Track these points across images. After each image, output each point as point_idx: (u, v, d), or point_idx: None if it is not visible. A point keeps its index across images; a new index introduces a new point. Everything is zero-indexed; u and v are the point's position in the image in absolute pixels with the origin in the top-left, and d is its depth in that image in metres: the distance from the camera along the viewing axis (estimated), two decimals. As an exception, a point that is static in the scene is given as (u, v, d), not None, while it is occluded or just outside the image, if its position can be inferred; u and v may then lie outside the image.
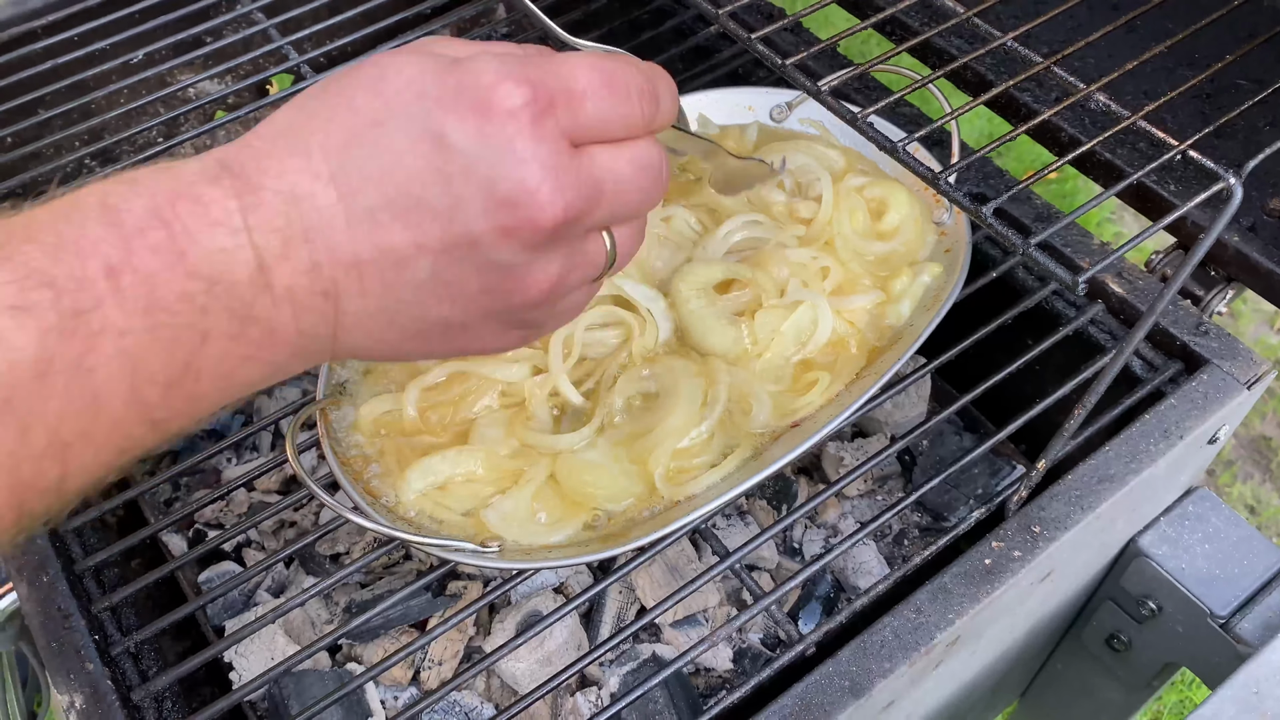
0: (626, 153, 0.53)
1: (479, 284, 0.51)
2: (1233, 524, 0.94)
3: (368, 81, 0.50)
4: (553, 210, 0.49)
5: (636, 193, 0.54)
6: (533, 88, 0.49)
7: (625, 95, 0.52)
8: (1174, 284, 0.68)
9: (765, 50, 0.81)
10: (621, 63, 0.53)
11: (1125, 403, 0.87)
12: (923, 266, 0.90)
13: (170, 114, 1.19)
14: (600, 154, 0.52)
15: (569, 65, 0.51)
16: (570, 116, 0.50)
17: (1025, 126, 0.78)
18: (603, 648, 0.77)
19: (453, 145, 0.48)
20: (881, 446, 1.03)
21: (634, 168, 0.53)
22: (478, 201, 0.48)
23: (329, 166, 0.48)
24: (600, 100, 0.51)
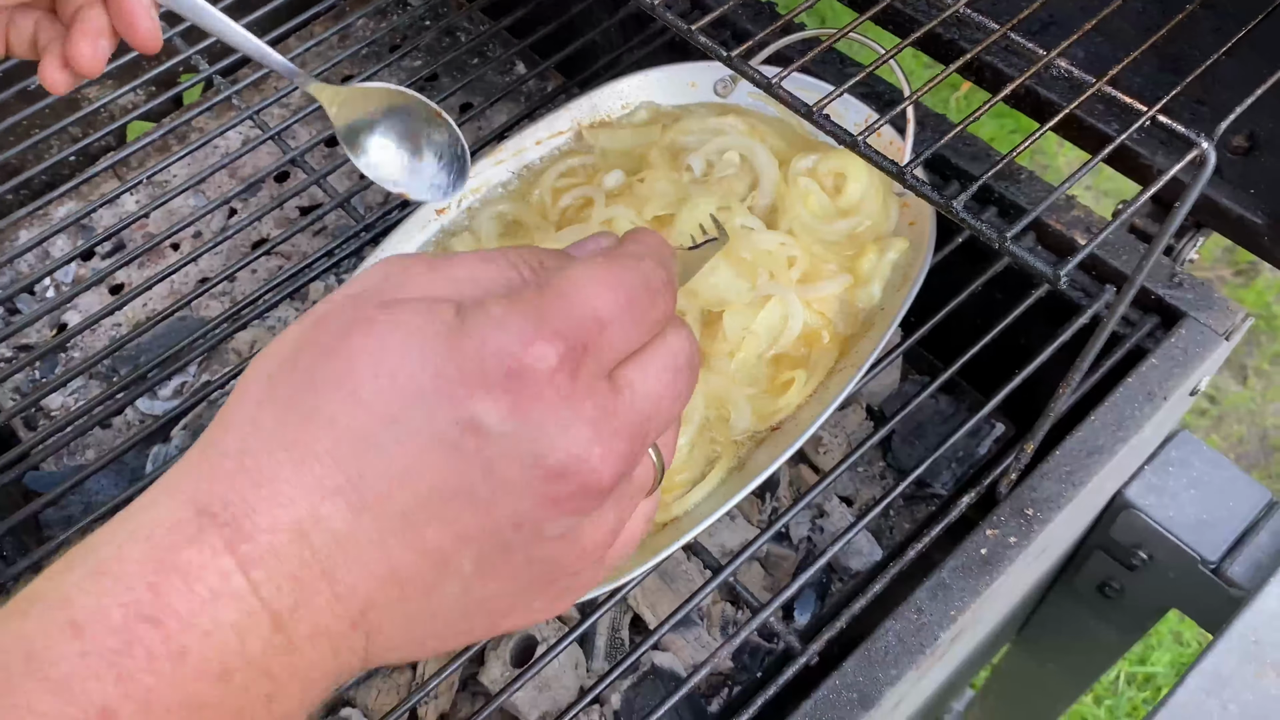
0: (656, 361, 0.46)
1: (528, 558, 0.44)
2: (1216, 466, 0.94)
3: (367, 362, 0.41)
4: (611, 470, 0.43)
5: (674, 400, 0.47)
6: (563, 339, 0.41)
7: (647, 301, 0.45)
8: (1154, 250, 0.66)
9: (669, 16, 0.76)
10: (632, 263, 0.46)
11: (1106, 364, 0.85)
12: (889, 243, 0.87)
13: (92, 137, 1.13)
14: (636, 378, 0.45)
15: (584, 292, 0.43)
16: (603, 353, 0.44)
17: (999, 96, 0.74)
18: (608, 679, 0.75)
19: (488, 429, 0.40)
20: (858, 418, 1.02)
21: (670, 376, 0.46)
22: (523, 481, 0.41)
23: (342, 476, 0.40)
24: (626, 322, 0.44)
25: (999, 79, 0.93)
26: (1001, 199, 0.92)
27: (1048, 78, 0.90)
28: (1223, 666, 0.82)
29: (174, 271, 1.02)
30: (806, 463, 1.00)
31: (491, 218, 0.91)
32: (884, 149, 0.89)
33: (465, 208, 0.92)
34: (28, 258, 1.18)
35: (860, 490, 1.00)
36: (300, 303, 1.11)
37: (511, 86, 1.11)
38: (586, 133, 0.97)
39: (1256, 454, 2.32)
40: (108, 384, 1.03)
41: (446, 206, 0.92)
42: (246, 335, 1.10)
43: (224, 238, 1.04)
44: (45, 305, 1.04)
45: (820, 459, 0.99)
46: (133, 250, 1.05)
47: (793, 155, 0.93)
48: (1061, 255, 0.91)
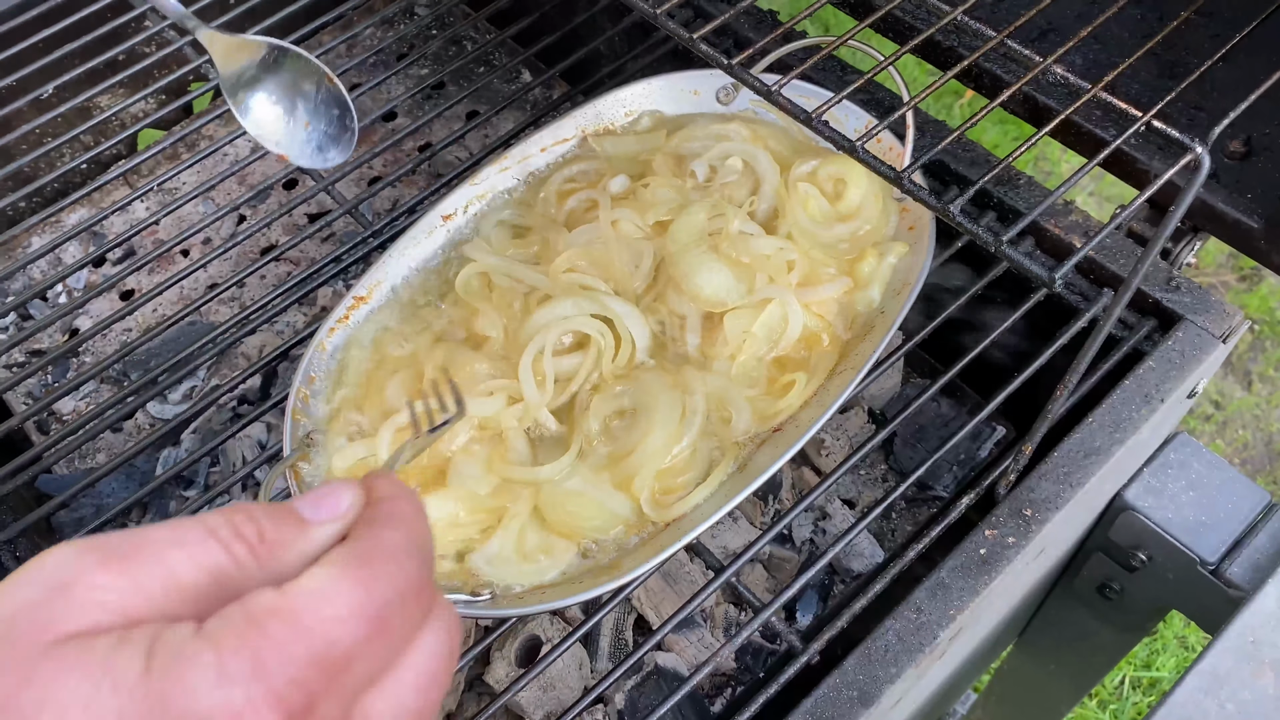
0: (409, 679, 0.39)
1: None
2: (1214, 468, 0.94)
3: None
4: None
5: (431, 707, 0.41)
6: (283, 704, 0.34)
7: (400, 616, 0.39)
8: (1150, 253, 0.67)
9: (671, 25, 0.77)
10: (387, 568, 0.39)
11: (1104, 367, 0.86)
12: (888, 247, 0.88)
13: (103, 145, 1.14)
14: (381, 710, 0.38)
15: (321, 619, 0.36)
16: (340, 695, 0.36)
17: (996, 102, 0.76)
18: (611, 677, 0.76)
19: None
20: (860, 422, 1.03)
21: (420, 694, 0.40)
22: None
23: None
24: (373, 654, 0.38)
25: (998, 85, 0.94)
26: (1000, 204, 0.94)
27: (1045, 84, 0.91)
28: (1220, 666, 0.83)
29: (184, 277, 1.04)
30: (809, 465, 1.01)
31: (498, 224, 0.93)
32: (884, 155, 0.90)
33: (472, 214, 0.94)
34: (40, 264, 1.20)
35: (863, 493, 1.01)
36: (308, 308, 1.12)
37: (517, 94, 1.13)
38: (592, 140, 0.98)
39: (1261, 459, 2.32)
40: (118, 388, 1.05)
41: (453, 213, 0.93)
42: (255, 340, 1.11)
43: (233, 244, 1.06)
44: (57, 311, 1.05)
45: (823, 462, 1.00)
46: (143, 256, 1.06)
47: (794, 161, 0.94)
48: (1060, 258, 0.92)
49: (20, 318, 1.18)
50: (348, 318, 0.87)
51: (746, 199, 0.92)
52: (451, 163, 1.21)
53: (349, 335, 0.88)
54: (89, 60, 1.14)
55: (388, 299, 0.89)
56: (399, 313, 0.89)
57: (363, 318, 0.88)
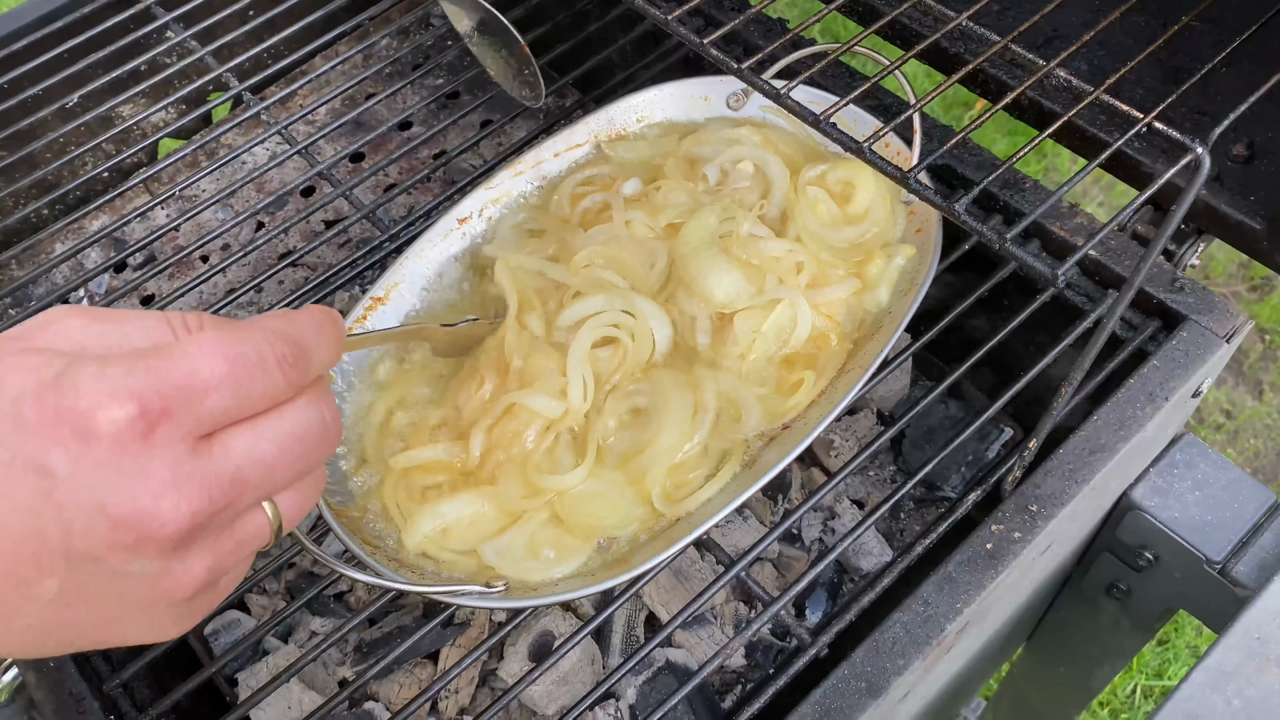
0: (270, 430, 0.50)
1: (117, 591, 0.48)
2: (1220, 468, 0.95)
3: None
4: (176, 522, 0.47)
5: (288, 467, 0.51)
6: (138, 402, 0.45)
7: (260, 372, 0.49)
8: (1152, 252, 0.68)
9: (682, 30, 0.79)
10: (254, 335, 0.50)
11: (1109, 366, 0.87)
12: (896, 249, 0.89)
13: (125, 153, 1.17)
14: (236, 441, 0.49)
15: (188, 359, 0.47)
16: (191, 417, 0.47)
17: (1001, 104, 0.77)
18: (619, 672, 0.77)
19: (57, 474, 0.45)
20: (869, 423, 1.04)
21: (281, 444, 0.50)
22: (92, 525, 0.46)
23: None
24: (227, 390, 0.48)
25: (1003, 90, 0.96)
26: (1006, 207, 0.95)
27: (1050, 88, 0.92)
28: (1227, 662, 0.84)
29: (203, 282, 1.06)
30: (819, 466, 1.02)
31: (513, 227, 0.95)
32: (891, 159, 0.92)
33: (487, 217, 0.95)
34: (62, 269, 1.22)
35: (872, 493, 1.02)
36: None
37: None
38: (605, 145, 1.00)
39: (1273, 467, 2.32)
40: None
41: (469, 216, 0.95)
42: (273, 343, 1.13)
43: (251, 249, 1.08)
44: (80, 314, 1.07)
45: (831, 462, 1.01)
46: (163, 262, 1.08)
47: (803, 165, 0.96)
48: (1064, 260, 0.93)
49: (43, 322, 1.20)
50: (365, 318, 0.89)
51: (757, 203, 0.93)
52: (465, 170, 1.23)
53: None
54: (112, 70, 1.17)
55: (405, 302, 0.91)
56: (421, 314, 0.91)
57: (382, 319, 0.90)
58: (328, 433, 0.53)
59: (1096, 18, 0.97)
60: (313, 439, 0.52)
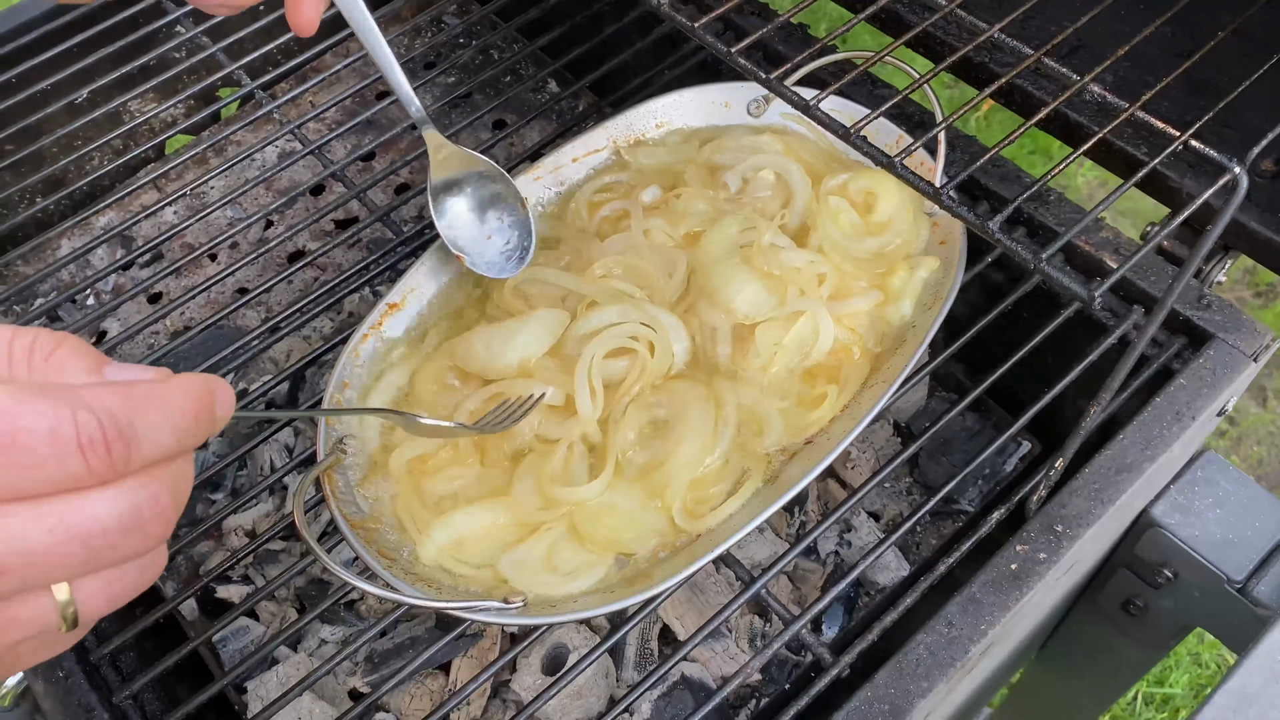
0: (48, 519, 0.42)
1: None
2: (1241, 485, 0.94)
3: None
4: None
5: (71, 560, 0.43)
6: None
7: (44, 452, 0.41)
8: (1185, 273, 0.67)
9: (709, 39, 0.78)
10: (57, 405, 0.41)
11: (1134, 384, 0.86)
12: (919, 261, 0.88)
13: (133, 151, 1.15)
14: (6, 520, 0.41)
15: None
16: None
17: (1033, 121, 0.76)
18: (636, 692, 0.76)
19: None
20: (886, 434, 1.03)
21: (59, 534, 0.42)
22: None
23: None
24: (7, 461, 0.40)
25: (1029, 102, 0.94)
26: (1031, 220, 0.94)
27: (1078, 101, 0.91)
28: (1249, 685, 0.83)
29: (213, 283, 1.04)
30: (835, 478, 1.01)
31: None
32: (914, 169, 0.91)
33: (503, 223, 0.94)
34: (70, 267, 1.21)
35: (887, 505, 1.01)
36: (335, 314, 1.13)
37: (545, 105, 1.13)
38: (624, 151, 0.98)
39: (1277, 475, 2.31)
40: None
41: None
42: (283, 345, 1.12)
43: (262, 250, 1.06)
44: (86, 314, 1.06)
45: (848, 474, 1.00)
46: (172, 261, 1.07)
47: (824, 174, 0.95)
48: (1090, 275, 0.92)
49: (49, 319, 1.18)
50: (381, 324, 0.88)
51: (778, 212, 0.92)
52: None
53: (383, 342, 0.88)
54: (121, 66, 1.15)
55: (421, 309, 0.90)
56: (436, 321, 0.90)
57: (397, 325, 0.88)
58: (132, 530, 0.44)
59: (1121, 26, 0.96)
60: (105, 539, 0.43)
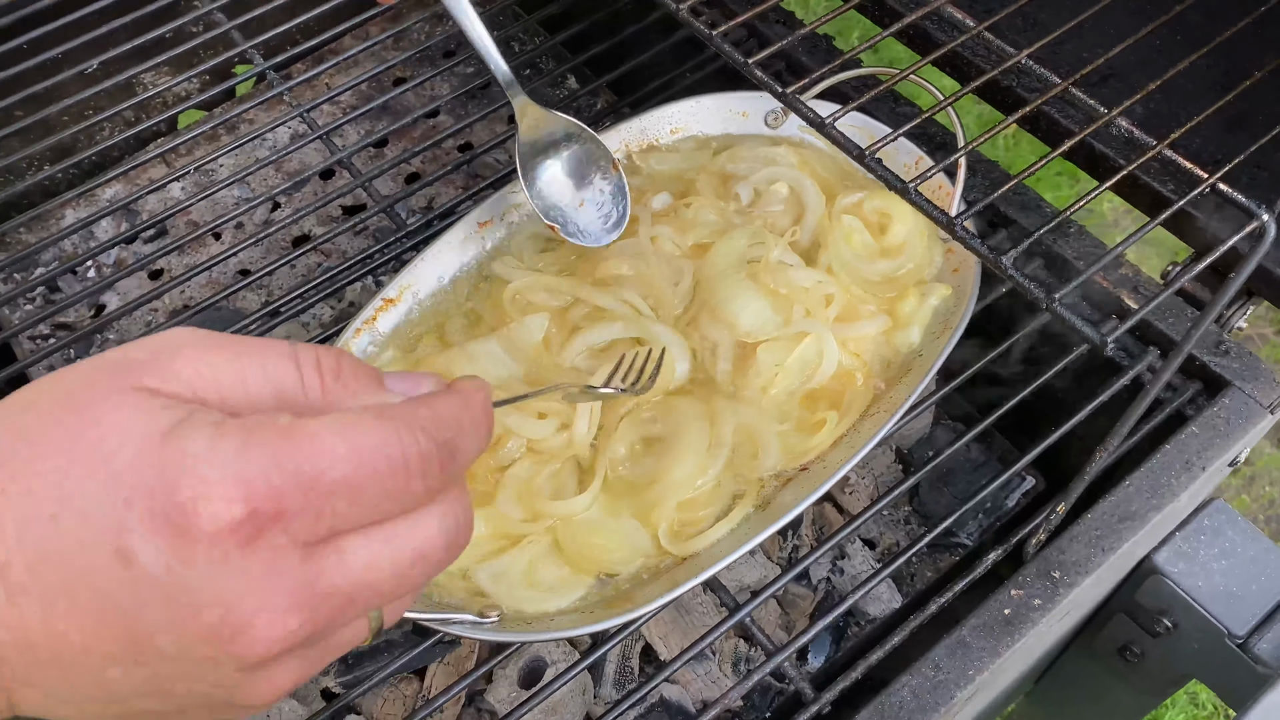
0: (391, 546, 0.42)
1: (189, 689, 0.42)
2: (1249, 538, 0.92)
3: (72, 441, 0.40)
4: (267, 643, 0.40)
5: (408, 585, 0.44)
6: (248, 500, 0.38)
7: (396, 478, 0.41)
8: (1205, 319, 0.64)
9: (726, 48, 0.75)
10: (400, 430, 0.42)
11: (1145, 428, 0.84)
12: (931, 288, 0.86)
13: (144, 123, 1.14)
14: (352, 556, 0.42)
15: (315, 449, 0.40)
16: (307, 522, 0.40)
17: (1058, 151, 0.73)
18: (614, 711, 0.74)
19: (142, 564, 0.38)
20: (887, 460, 1.00)
21: (400, 564, 0.43)
22: (177, 626, 0.39)
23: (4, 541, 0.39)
24: (355, 495, 0.41)
25: (1055, 129, 0.92)
26: (1049, 252, 0.91)
27: (1105, 133, 0.88)
28: (1245, 747, 0.81)
29: (215, 263, 1.03)
30: (831, 502, 0.99)
31: (530, 237, 0.91)
32: (932, 193, 0.88)
33: (509, 223, 0.92)
34: (73, 238, 1.19)
35: (884, 534, 0.98)
36: (336, 302, 1.11)
37: (562, 102, 1.11)
38: (635, 156, 0.96)
39: (1288, 518, 2.28)
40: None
41: (490, 220, 0.91)
42: (281, 331, 1.10)
43: (266, 232, 1.05)
44: (86, 286, 1.04)
45: (846, 499, 0.98)
46: (175, 238, 1.05)
47: (839, 189, 0.92)
48: (1107, 313, 0.90)
49: (49, 290, 1.17)
50: (375, 319, 0.86)
51: (789, 228, 0.90)
52: (492, 165, 1.19)
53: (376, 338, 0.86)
54: (136, 37, 1.13)
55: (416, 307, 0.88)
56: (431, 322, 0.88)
57: (391, 323, 0.87)
58: (453, 545, 0.45)
59: (1157, 57, 0.93)
60: (437, 556, 0.44)
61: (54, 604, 0.39)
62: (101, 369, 0.42)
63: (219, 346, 0.43)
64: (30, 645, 0.40)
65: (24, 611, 0.39)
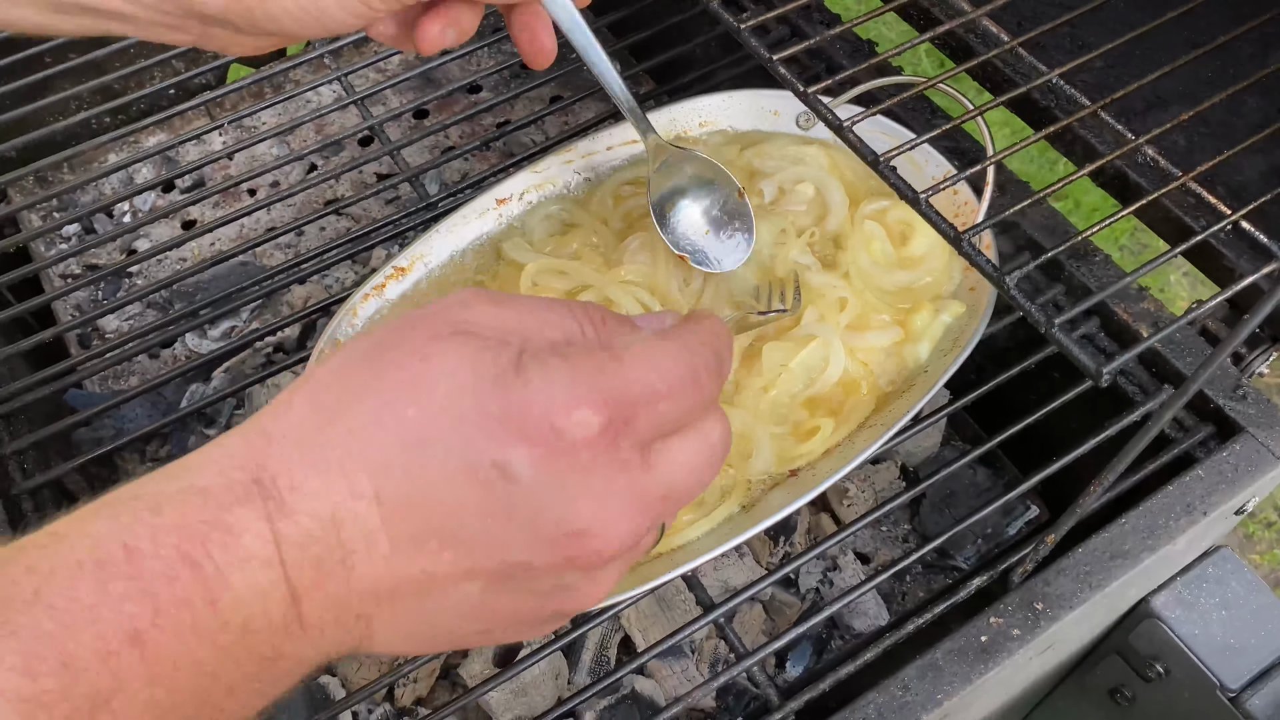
0: (693, 444, 0.48)
1: (532, 603, 0.46)
2: (1253, 590, 0.89)
3: (411, 380, 0.43)
4: (621, 540, 0.45)
5: (701, 485, 0.49)
6: (609, 409, 0.43)
7: (697, 384, 0.47)
8: (1218, 356, 0.62)
9: (752, 42, 0.75)
10: (693, 344, 0.48)
11: (1150, 466, 0.82)
12: (945, 304, 0.84)
13: (193, 72, 1.16)
14: (670, 458, 0.47)
15: (644, 365, 0.45)
16: (647, 426, 0.45)
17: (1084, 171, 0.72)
18: (586, 694, 0.74)
19: (517, 476, 0.42)
20: (891, 476, 0.99)
21: (702, 460, 0.48)
22: (542, 534, 0.43)
23: (373, 485, 0.42)
24: (675, 401, 0.46)
25: (1091, 155, 0.89)
26: (1071, 279, 0.89)
27: (1137, 163, 0.86)
28: (1225, 803, 0.79)
29: (246, 214, 1.04)
30: (829, 512, 0.97)
31: (545, 218, 0.91)
32: (959, 210, 0.87)
33: (527, 202, 0.92)
34: (112, 180, 1.21)
35: (880, 550, 0.97)
36: (360, 266, 1.12)
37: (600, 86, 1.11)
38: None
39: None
40: (163, 314, 1.05)
41: (508, 198, 0.91)
42: (302, 290, 1.11)
43: (299, 190, 1.06)
44: (119, 228, 1.06)
45: (844, 511, 0.97)
46: (211, 189, 1.06)
47: (867, 195, 0.91)
48: (1124, 345, 0.88)
49: (84, 230, 1.19)
50: (384, 286, 0.86)
51: (812, 227, 0.89)
52: (526, 144, 1.19)
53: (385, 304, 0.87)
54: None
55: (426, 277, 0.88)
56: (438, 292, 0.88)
57: (399, 290, 0.87)
58: (728, 446, 0.51)
59: (1202, 89, 0.91)
60: (720, 454, 0.50)
61: (423, 546, 0.43)
62: (405, 323, 0.46)
63: (509, 301, 0.47)
64: (397, 592, 0.43)
65: (398, 560, 0.43)
